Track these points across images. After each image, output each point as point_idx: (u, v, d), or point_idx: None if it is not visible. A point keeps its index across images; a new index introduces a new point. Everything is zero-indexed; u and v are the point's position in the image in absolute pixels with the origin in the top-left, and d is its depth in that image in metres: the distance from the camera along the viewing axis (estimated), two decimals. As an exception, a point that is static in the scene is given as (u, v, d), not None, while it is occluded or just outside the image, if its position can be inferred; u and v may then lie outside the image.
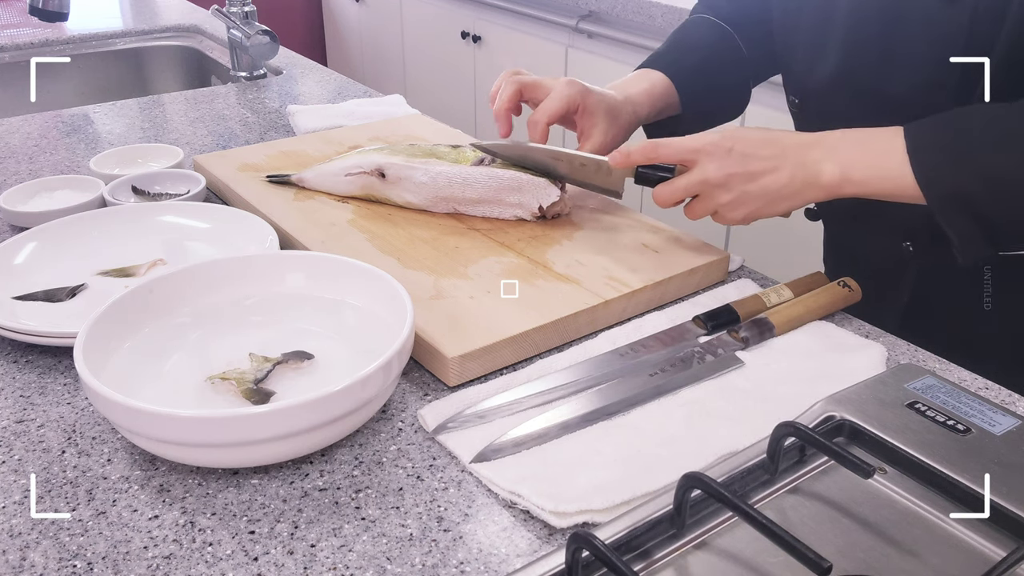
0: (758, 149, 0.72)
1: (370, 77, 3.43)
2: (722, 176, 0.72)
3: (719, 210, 0.75)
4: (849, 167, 0.70)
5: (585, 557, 0.46)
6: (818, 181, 0.71)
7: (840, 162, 0.70)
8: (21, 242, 0.82)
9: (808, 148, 0.72)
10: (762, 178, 0.72)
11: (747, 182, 0.72)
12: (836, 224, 0.96)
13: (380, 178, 0.89)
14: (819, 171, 0.71)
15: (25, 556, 0.51)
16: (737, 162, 0.72)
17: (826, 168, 0.71)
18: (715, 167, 0.73)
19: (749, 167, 0.72)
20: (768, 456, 0.54)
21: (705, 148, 0.73)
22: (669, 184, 0.76)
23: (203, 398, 0.61)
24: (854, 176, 0.70)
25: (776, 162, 0.72)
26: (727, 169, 0.72)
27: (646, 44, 2.06)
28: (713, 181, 0.73)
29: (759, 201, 0.73)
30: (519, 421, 0.60)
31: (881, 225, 0.85)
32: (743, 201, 0.73)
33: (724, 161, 0.72)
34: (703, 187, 0.74)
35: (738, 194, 0.73)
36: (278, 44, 1.41)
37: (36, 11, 1.34)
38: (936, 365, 0.69)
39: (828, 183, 0.71)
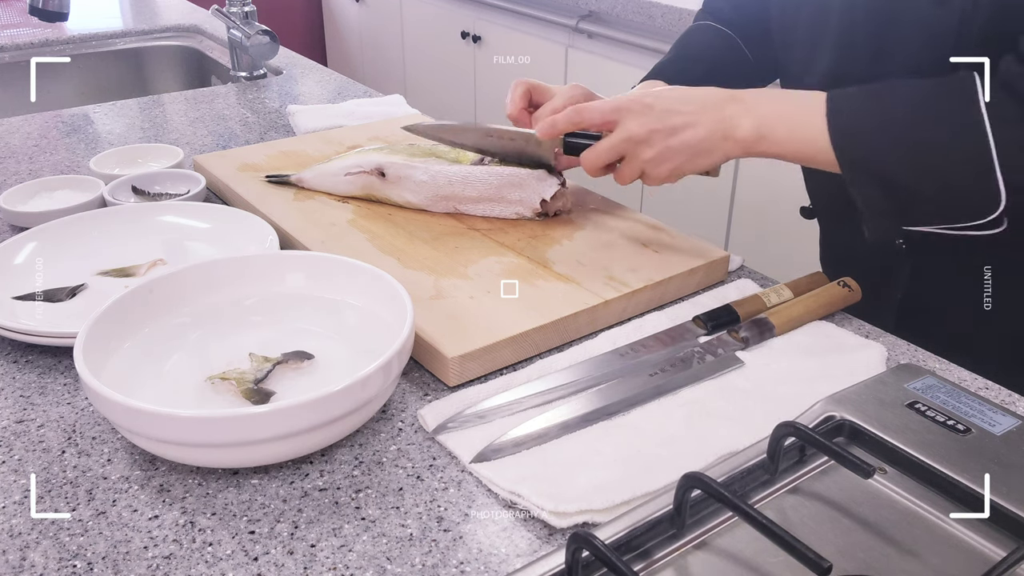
0: (678, 104, 0.73)
1: (370, 77, 3.43)
2: (644, 132, 0.73)
3: (644, 168, 0.75)
4: (767, 124, 0.71)
5: (585, 557, 0.46)
6: (734, 135, 0.72)
7: (758, 118, 0.71)
8: (21, 242, 0.82)
9: (727, 103, 0.72)
10: (682, 132, 0.72)
11: (668, 136, 0.73)
12: (830, 222, 0.96)
13: (380, 178, 0.89)
14: (736, 125, 0.71)
15: (25, 556, 0.51)
16: (658, 117, 0.73)
17: (743, 123, 0.71)
18: (637, 124, 0.73)
19: (670, 121, 0.73)
20: (768, 456, 0.54)
21: (626, 106, 0.74)
22: (593, 148, 0.77)
23: (203, 398, 0.61)
24: (772, 134, 0.71)
25: (696, 116, 0.72)
26: (648, 125, 0.73)
27: (646, 44, 2.06)
28: (635, 137, 0.74)
29: (681, 155, 0.73)
30: (519, 421, 0.60)
31: None
32: (666, 156, 0.73)
33: (645, 117, 0.73)
34: (626, 145, 0.74)
35: (660, 149, 0.73)
36: (278, 44, 1.41)
37: (36, 11, 1.34)
38: (936, 365, 0.69)
39: (744, 138, 0.71)
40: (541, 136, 0.80)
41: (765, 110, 0.71)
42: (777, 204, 1.83)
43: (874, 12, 0.75)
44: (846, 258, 0.94)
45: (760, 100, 0.72)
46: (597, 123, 0.77)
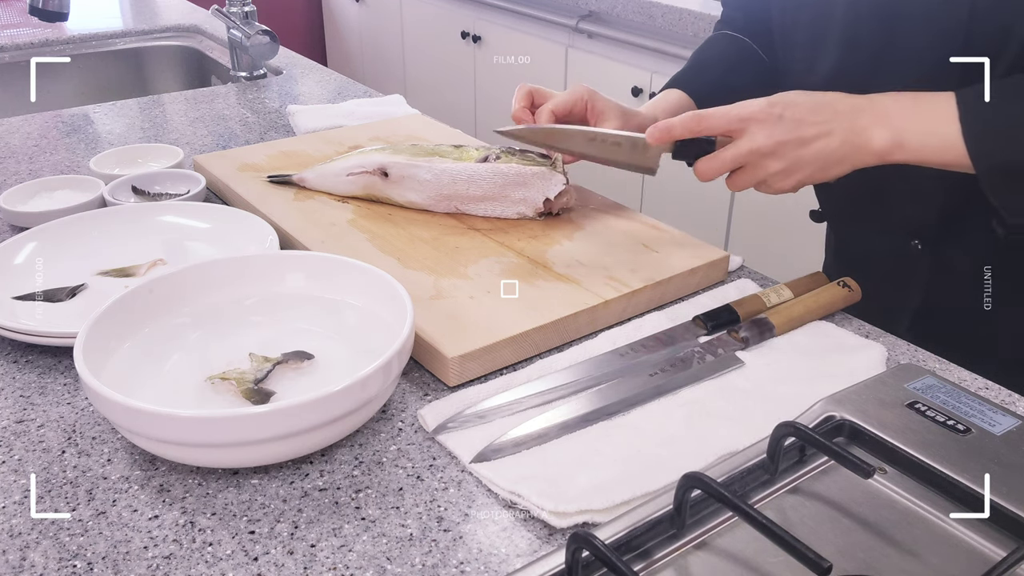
0: (808, 115, 0.70)
1: (370, 77, 3.43)
2: (772, 144, 0.70)
3: (768, 179, 0.72)
4: (901, 133, 0.68)
5: (585, 557, 0.46)
6: (869, 147, 0.69)
7: (892, 128, 0.68)
8: (21, 242, 0.82)
9: (859, 112, 0.70)
10: (814, 144, 0.69)
11: (799, 148, 0.70)
12: (842, 225, 0.96)
13: (383, 177, 0.89)
14: (870, 137, 0.69)
15: (25, 556, 0.51)
16: (788, 129, 0.70)
17: (877, 134, 0.69)
18: (765, 135, 0.70)
19: (800, 133, 0.69)
20: (768, 456, 0.54)
21: (755, 116, 0.70)
22: (714, 157, 0.73)
23: (203, 398, 0.61)
24: (907, 144, 0.68)
25: (827, 127, 0.69)
26: (777, 137, 0.70)
27: (646, 44, 2.06)
28: (763, 150, 0.70)
29: (811, 167, 0.70)
30: (519, 421, 0.60)
31: (888, 224, 0.84)
32: (795, 168, 0.71)
33: (774, 128, 0.70)
34: (751, 157, 0.71)
35: (790, 162, 0.70)
36: (278, 44, 1.41)
37: (36, 11, 1.34)
38: (936, 365, 0.69)
39: (879, 149, 0.69)
40: (653, 142, 0.76)
41: (898, 118, 0.69)
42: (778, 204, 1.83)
43: (879, 8, 0.74)
44: (857, 260, 0.93)
45: (892, 108, 0.69)
46: (720, 131, 0.73)
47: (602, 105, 0.87)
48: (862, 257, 0.92)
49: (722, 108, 0.72)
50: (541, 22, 2.40)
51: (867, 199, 0.85)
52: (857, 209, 0.89)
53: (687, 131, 0.73)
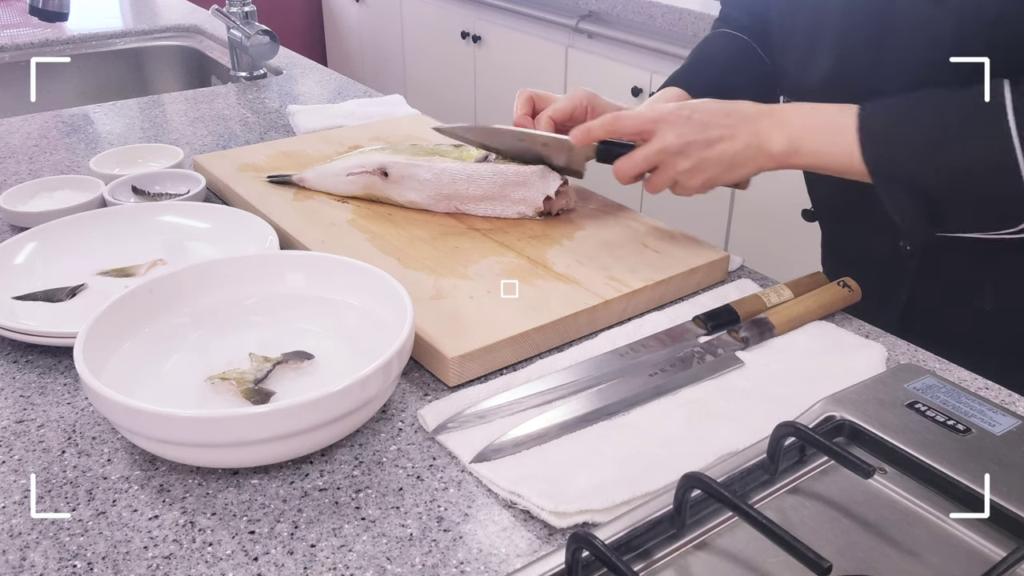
0: (716, 117, 0.74)
1: (370, 77, 3.43)
2: (681, 143, 0.74)
3: (678, 179, 0.76)
4: (799, 140, 0.72)
5: (585, 557, 0.46)
6: (768, 150, 0.73)
7: (790, 134, 0.72)
8: (21, 242, 0.82)
9: (762, 117, 0.74)
10: (719, 145, 0.74)
11: (705, 149, 0.74)
12: (833, 224, 0.96)
13: (383, 177, 0.89)
14: (769, 140, 0.73)
15: (25, 556, 0.51)
16: (695, 129, 0.74)
17: (776, 138, 0.73)
18: (674, 135, 0.74)
19: (707, 134, 0.74)
20: (768, 456, 0.54)
21: (664, 117, 0.75)
22: (628, 157, 0.77)
23: (203, 398, 0.61)
24: (804, 148, 0.72)
25: (732, 130, 0.74)
26: (686, 137, 0.74)
27: (646, 44, 2.06)
28: (672, 149, 0.74)
29: (716, 167, 0.74)
30: (519, 421, 0.60)
31: (878, 224, 0.85)
32: (701, 168, 0.74)
33: (683, 129, 0.74)
34: (662, 156, 0.75)
35: (696, 161, 0.74)
36: (278, 44, 1.41)
37: (36, 11, 1.34)
38: (936, 365, 0.69)
39: (777, 152, 0.73)
40: (575, 143, 0.81)
41: (797, 124, 0.73)
42: (777, 204, 1.83)
43: (873, 14, 0.75)
44: (848, 260, 0.94)
45: (793, 114, 0.73)
46: (633, 132, 0.77)
47: (602, 108, 0.88)
48: (853, 257, 0.93)
49: (637, 110, 0.77)
50: (541, 22, 2.40)
51: (856, 200, 0.86)
52: (846, 209, 0.90)
53: (605, 132, 0.78)
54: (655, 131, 0.75)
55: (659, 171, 0.77)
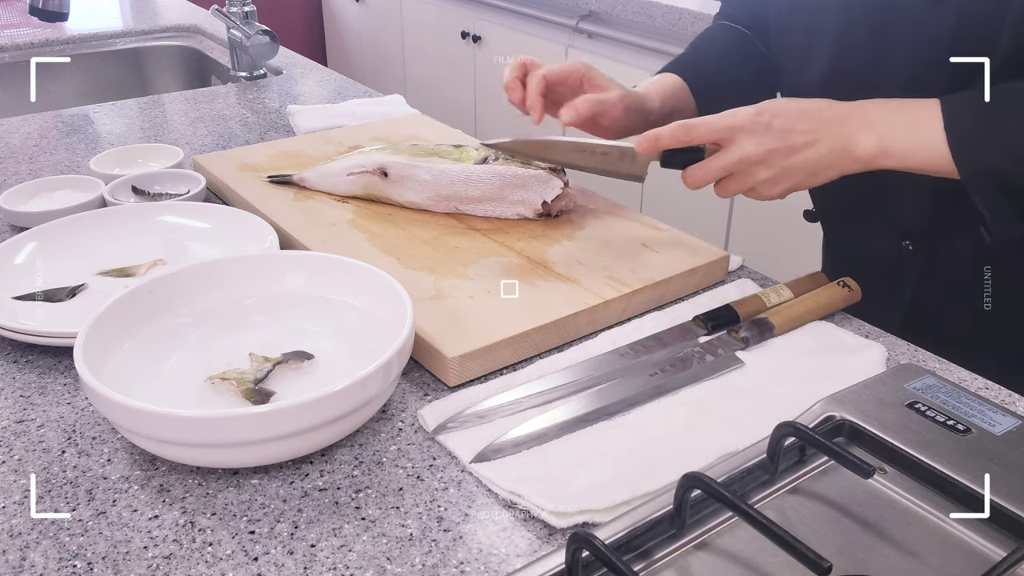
0: (796, 123, 0.70)
1: (370, 77, 3.43)
2: (762, 153, 0.70)
3: (756, 187, 0.73)
4: (886, 140, 0.69)
5: (585, 557, 0.46)
6: (855, 153, 0.70)
7: (878, 135, 0.69)
8: (21, 242, 0.82)
9: (846, 120, 0.70)
10: (802, 152, 0.70)
11: (787, 157, 0.70)
12: (834, 224, 0.96)
13: (383, 177, 0.89)
14: (856, 142, 0.69)
15: (25, 556, 0.51)
16: (776, 138, 0.70)
17: (863, 140, 0.69)
18: (754, 144, 0.70)
19: (789, 142, 0.70)
20: (768, 456, 0.54)
21: (742, 125, 0.71)
22: (703, 165, 0.73)
23: (203, 398, 0.61)
24: (891, 150, 0.69)
25: (815, 135, 0.70)
26: (767, 145, 0.70)
27: (646, 44, 2.06)
28: (752, 159, 0.71)
29: (799, 175, 0.71)
30: (519, 421, 0.60)
31: (880, 224, 0.85)
32: (783, 176, 0.71)
33: (763, 137, 0.70)
34: (741, 165, 0.72)
35: (778, 170, 0.71)
36: (278, 44, 1.41)
37: (36, 11, 1.34)
38: (936, 365, 0.69)
39: (864, 156, 0.70)
40: (641, 151, 0.76)
41: (884, 125, 0.69)
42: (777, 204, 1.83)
43: (872, 13, 0.75)
44: (850, 260, 0.94)
45: (877, 115, 0.70)
46: (708, 140, 0.73)
47: (600, 79, 0.87)
48: (855, 257, 0.92)
49: (709, 117, 0.73)
50: (541, 22, 2.40)
51: (858, 200, 0.86)
52: (848, 210, 0.89)
53: (675, 141, 0.74)
54: (733, 139, 0.72)
55: (735, 178, 0.73)
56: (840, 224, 0.95)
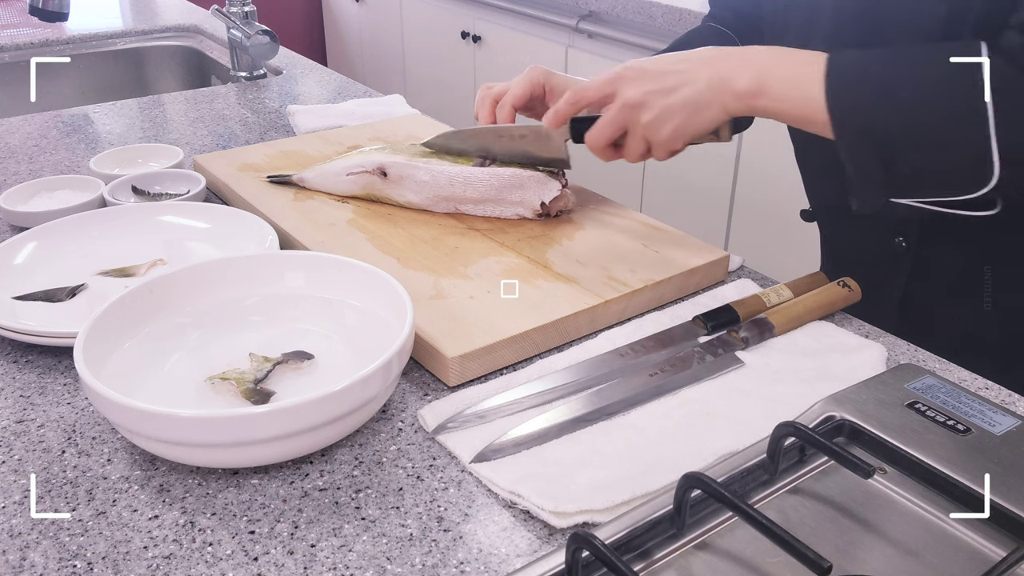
0: (673, 64, 0.73)
1: (370, 77, 3.43)
2: (640, 94, 0.73)
3: (646, 134, 0.74)
4: (766, 77, 0.70)
5: (585, 557, 0.46)
6: (732, 87, 0.70)
7: (757, 70, 0.70)
8: (21, 242, 0.82)
9: (726, 56, 0.72)
10: (680, 90, 0.72)
11: (665, 96, 0.72)
12: (830, 223, 0.96)
13: (382, 177, 0.89)
14: (734, 77, 0.70)
15: (25, 556, 0.51)
16: (653, 79, 0.73)
17: (742, 74, 0.70)
18: (632, 89, 0.73)
19: (665, 83, 0.72)
20: (768, 456, 0.54)
21: (621, 75, 0.75)
22: (597, 124, 0.76)
23: (203, 398, 0.61)
24: (769, 89, 0.69)
25: (692, 73, 0.72)
26: (644, 87, 0.73)
27: (646, 44, 2.06)
28: (632, 102, 0.73)
29: (680, 114, 0.72)
30: (519, 421, 0.60)
31: (873, 221, 0.85)
32: (664, 116, 0.73)
33: (640, 81, 0.73)
34: (624, 112, 0.74)
35: (659, 110, 0.73)
36: (278, 44, 1.41)
37: (36, 11, 1.34)
38: (936, 365, 0.69)
39: (742, 90, 0.70)
40: (548, 126, 0.80)
41: (764, 63, 0.70)
42: (777, 204, 1.83)
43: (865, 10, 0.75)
44: (846, 259, 0.94)
45: (761, 55, 0.71)
46: (596, 99, 0.76)
47: (560, 84, 0.88)
48: (851, 257, 0.92)
49: (594, 78, 0.76)
50: (541, 22, 2.40)
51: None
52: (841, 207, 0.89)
53: (571, 106, 0.77)
54: (615, 90, 0.75)
55: (629, 133, 0.75)
56: (836, 224, 0.95)
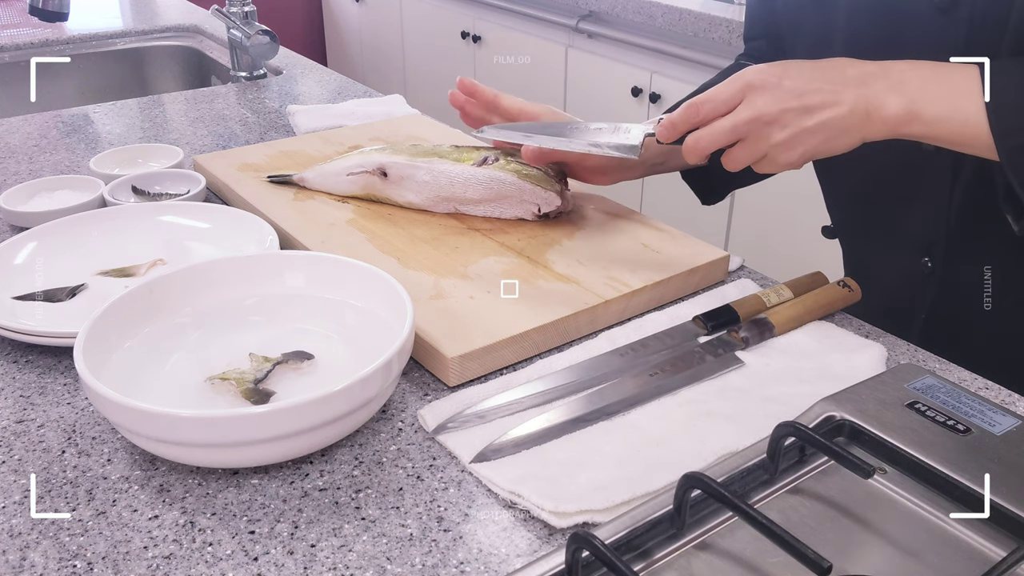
0: (814, 80, 0.64)
1: (370, 77, 3.43)
2: (776, 111, 0.64)
3: (770, 152, 0.66)
4: (919, 102, 0.63)
5: (585, 557, 0.46)
6: (881, 114, 0.63)
7: (908, 97, 0.63)
8: (21, 242, 0.82)
9: (872, 78, 0.64)
10: (821, 112, 0.64)
11: (804, 117, 0.64)
12: (853, 240, 0.94)
13: (382, 177, 0.89)
14: (883, 103, 0.63)
15: (25, 556, 0.51)
16: (792, 95, 0.64)
17: (891, 100, 0.63)
18: (766, 101, 0.64)
19: (806, 100, 0.64)
20: (768, 456, 0.54)
21: (753, 82, 0.65)
22: (711, 127, 0.66)
23: (203, 398, 0.61)
24: (924, 113, 0.63)
25: (836, 95, 0.64)
26: (781, 103, 0.64)
27: (646, 44, 2.06)
28: (765, 118, 0.64)
29: (817, 137, 0.64)
30: (519, 421, 0.60)
31: (899, 241, 0.83)
32: (799, 139, 0.65)
33: (776, 93, 0.64)
34: (752, 126, 0.65)
35: (795, 131, 0.64)
36: (278, 44, 1.41)
37: (36, 11, 1.34)
38: (936, 365, 0.69)
39: (892, 117, 0.63)
40: (666, 141, 0.70)
41: (916, 87, 0.63)
42: (777, 204, 1.83)
43: (880, 27, 0.73)
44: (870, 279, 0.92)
45: (908, 75, 0.64)
46: (724, 112, 0.66)
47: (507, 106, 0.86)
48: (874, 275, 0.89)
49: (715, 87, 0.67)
50: (541, 22, 2.40)
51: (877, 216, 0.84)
52: (866, 226, 0.87)
53: (687, 124, 0.68)
54: (744, 99, 0.65)
55: (747, 143, 0.66)
56: (859, 241, 0.92)
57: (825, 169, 0.91)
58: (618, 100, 2.18)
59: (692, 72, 1.97)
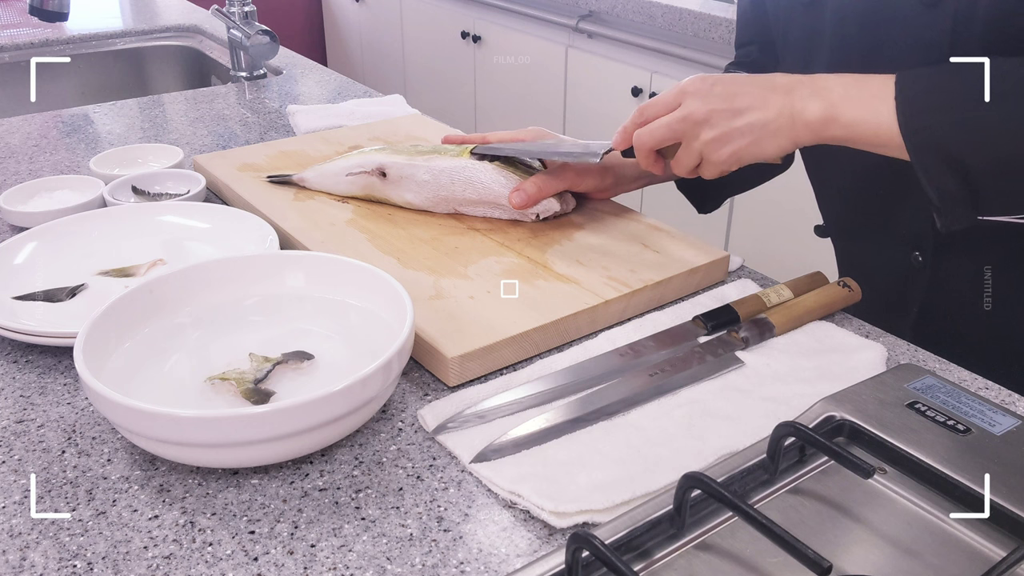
0: (743, 86, 0.70)
1: (370, 77, 3.43)
2: (705, 111, 0.70)
3: (703, 151, 0.71)
4: (837, 106, 0.68)
5: (585, 557, 0.46)
6: (804, 117, 0.69)
7: (829, 101, 0.68)
8: (21, 242, 0.82)
9: (797, 85, 0.70)
10: (748, 114, 0.69)
11: (732, 118, 0.70)
12: (844, 239, 0.95)
13: (381, 178, 0.89)
14: (806, 107, 0.68)
15: (25, 556, 0.51)
16: (721, 98, 0.70)
17: (813, 105, 0.68)
18: (698, 103, 0.70)
19: (734, 103, 0.70)
20: (768, 456, 0.54)
21: (687, 88, 0.72)
22: (648, 125, 0.73)
23: (203, 398, 0.61)
24: (842, 116, 0.68)
25: (762, 98, 0.69)
26: (711, 104, 0.70)
27: (646, 44, 2.06)
28: (695, 117, 0.70)
29: (745, 138, 0.70)
30: (519, 421, 0.60)
31: (889, 237, 0.84)
32: (728, 138, 0.70)
33: (707, 97, 0.70)
34: (684, 124, 0.71)
35: (723, 130, 0.70)
36: (278, 44, 1.42)
37: (36, 11, 1.34)
38: (936, 365, 0.69)
39: (814, 120, 0.68)
40: (619, 148, 0.77)
41: (837, 92, 0.68)
42: (777, 205, 1.83)
43: (867, 23, 0.74)
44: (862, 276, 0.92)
45: (831, 83, 0.69)
46: (663, 113, 0.73)
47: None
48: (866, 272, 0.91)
49: (661, 94, 0.74)
50: (541, 22, 2.40)
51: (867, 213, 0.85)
52: (857, 223, 0.88)
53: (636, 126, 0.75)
54: (680, 102, 0.71)
55: (684, 146, 0.72)
56: (851, 240, 0.94)
57: (816, 167, 0.92)
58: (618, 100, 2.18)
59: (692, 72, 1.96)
